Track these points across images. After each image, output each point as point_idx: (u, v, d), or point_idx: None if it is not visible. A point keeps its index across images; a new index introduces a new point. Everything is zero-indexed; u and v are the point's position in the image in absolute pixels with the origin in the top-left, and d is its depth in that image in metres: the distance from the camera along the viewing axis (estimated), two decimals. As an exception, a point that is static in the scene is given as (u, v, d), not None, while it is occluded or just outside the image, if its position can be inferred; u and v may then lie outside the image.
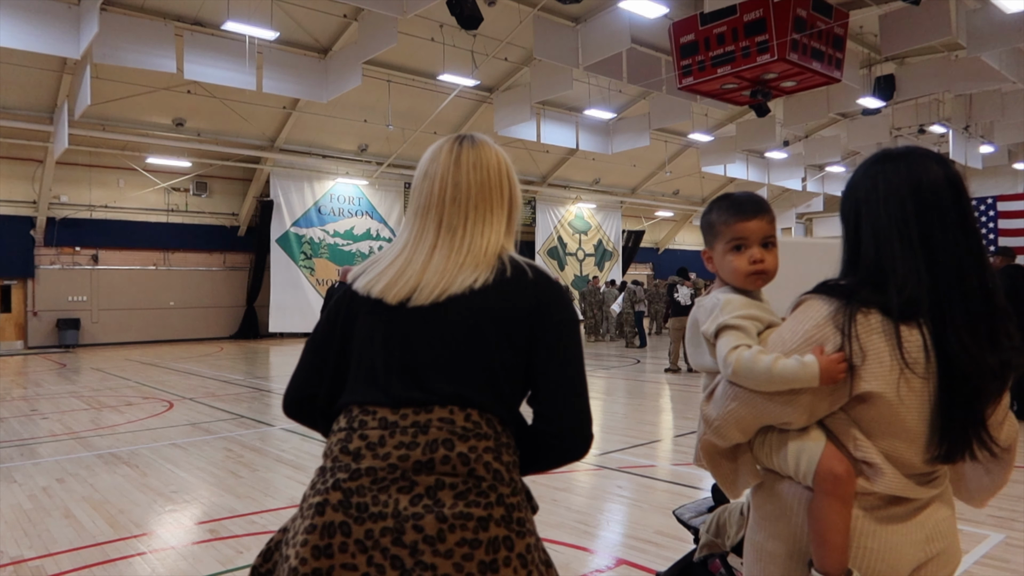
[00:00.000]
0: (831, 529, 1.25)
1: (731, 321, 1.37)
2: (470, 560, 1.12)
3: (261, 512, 4.52)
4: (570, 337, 1.30)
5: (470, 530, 1.14)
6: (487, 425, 1.22)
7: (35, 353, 17.07)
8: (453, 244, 1.30)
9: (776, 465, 1.35)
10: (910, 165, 1.31)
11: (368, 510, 1.15)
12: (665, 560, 3.41)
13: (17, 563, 3.72)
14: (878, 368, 1.22)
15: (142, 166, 18.48)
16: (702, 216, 1.55)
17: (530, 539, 1.21)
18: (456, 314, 1.25)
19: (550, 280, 1.33)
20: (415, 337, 1.26)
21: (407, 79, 17.20)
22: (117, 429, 7.40)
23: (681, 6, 13.18)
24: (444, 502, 1.14)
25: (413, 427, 1.20)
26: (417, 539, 1.12)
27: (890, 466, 1.26)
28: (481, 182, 1.35)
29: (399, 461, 1.17)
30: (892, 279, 1.25)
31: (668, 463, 5.92)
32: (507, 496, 1.20)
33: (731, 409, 1.32)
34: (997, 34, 12.21)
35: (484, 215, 1.33)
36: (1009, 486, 4.93)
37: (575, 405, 1.28)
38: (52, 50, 11.36)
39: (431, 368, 1.24)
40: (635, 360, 14.19)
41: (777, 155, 24.01)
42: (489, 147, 1.40)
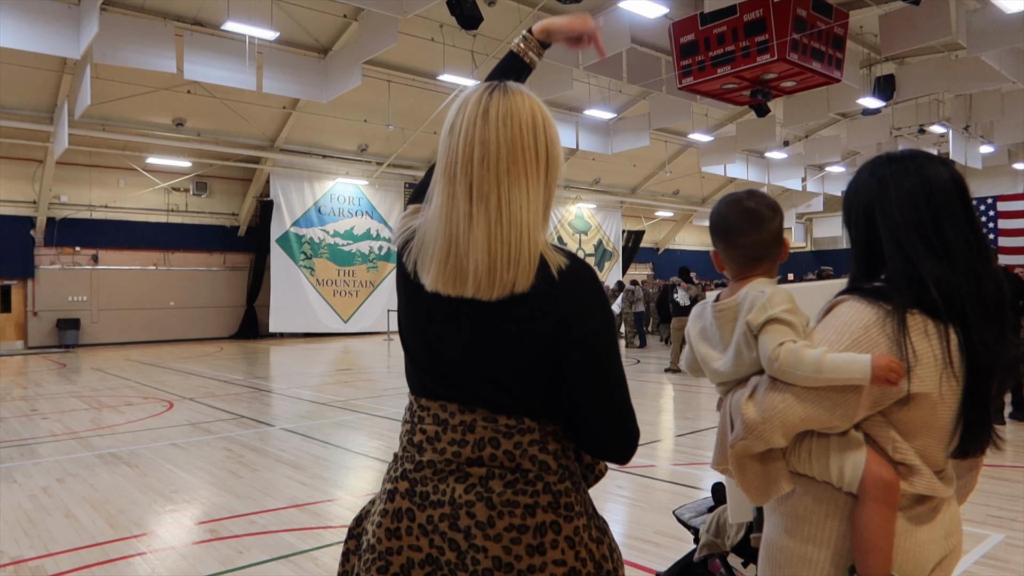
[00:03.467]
0: (879, 534, 1.25)
1: (781, 315, 1.32)
2: (518, 544, 1.19)
3: (261, 512, 4.52)
4: (601, 344, 1.22)
5: (517, 516, 1.20)
6: (530, 419, 1.24)
7: (35, 353, 17.07)
8: (490, 215, 1.16)
9: (815, 472, 1.32)
10: (919, 167, 1.32)
11: (429, 498, 1.24)
12: (665, 560, 3.40)
13: (17, 563, 3.72)
14: (927, 370, 1.23)
15: (142, 166, 18.48)
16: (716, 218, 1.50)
17: (579, 521, 1.25)
18: (496, 318, 1.20)
19: (589, 275, 1.23)
20: (457, 334, 1.24)
21: (407, 79, 17.20)
22: (117, 429, 7.40)
23: (681, 6, 13.18)
24: (494, 490, 1.21)
25: (461, 425, 1.24)
26: (470, 524, 1.20)
27: (926, 466, 1.28)
28: (512, 139, 1.17)
29: (453, 456, 1.24)
30: (929, 280, 1.25)
31: (668, 463, 5.92)
32: (554, 484, 1.24)
33: (779, 411, 1.28)
34: (997, 34, 12.21)
35: (517, 180, 1.17)
36: (1009, 486, 4.94)
37: (613, 419, 1.24)
38: (52, 50, 11.36)
39: (472, 368, 1.24)
40: (635, 360, 14.19)
41: (777, 155, 24.01)
42: (523, 96, 1.21)
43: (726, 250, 1.48)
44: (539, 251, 1.19)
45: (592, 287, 1.23)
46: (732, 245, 1.46)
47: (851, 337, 1.26)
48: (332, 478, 5.47)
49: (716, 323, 1.45)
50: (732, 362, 1.40)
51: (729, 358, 1.41)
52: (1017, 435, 6.66)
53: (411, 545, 1.23)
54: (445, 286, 1.19)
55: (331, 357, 15.52)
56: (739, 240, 1.45)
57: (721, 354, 1.44)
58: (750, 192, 1.48)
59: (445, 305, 1.22)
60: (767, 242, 1.45)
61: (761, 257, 1.45)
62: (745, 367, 1.38)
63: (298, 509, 4.59)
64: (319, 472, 5.57)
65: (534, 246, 1.17)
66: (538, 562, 1.19)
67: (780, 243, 1.47)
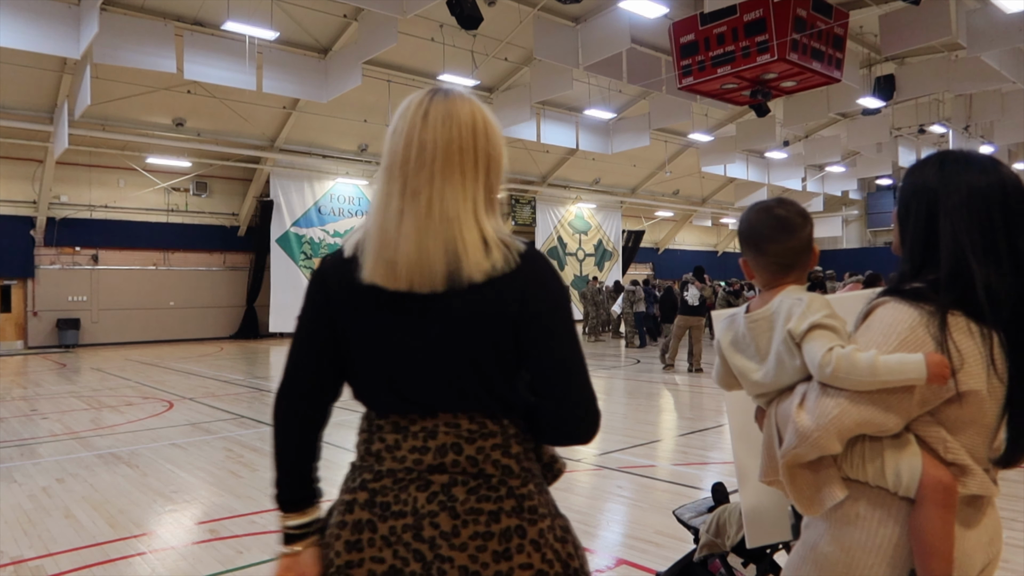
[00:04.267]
0: (940, 538, 1.24)
1: (823, 320, 1.30)
2: (484, 551, 1.19)
3: (261, 512, 4.52)
4: (559, 320, 1.24)
5: (482, 523, 1.20)
6: (493, 423, 1.24)
7: (35, 353, 17.07)
8: (419, 211, 1.19)
9: (869, 476, 1.30)
10: (996, 170, 1.32)
11: (390, 508, 1.22)
12: (665, 560, 3.40)
13: (17, 563, 3.72)
14: (975, 367, 1.23)
15: (142, 166, 18.47)
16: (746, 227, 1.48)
17: (543, 523, 1.25)
18: (445, 313, 1.21)
19: (536, 261, 1.24)
20: (405, 335, 1.23)
21: (407, 79, 17.20)
22: (117, 429, 7.40)
23: (681, 6, 13.18)
24: (457, 498, 1.20)
25: (422, 431, 1.23)
26: (435, 534, 1.19)
27: (978, 466, 1.27)
28: (449, 140, 1.20)
29: (414, 464, 1.23)
30: (979, 283, 1.25)
31: (668, 463, 5.92)
32: (517, 488, 1.24)
33: (834, 416, 1.24)
34: (997, 34, 12.22)
35: (451, 177, 1.20)
36: (1009, 486, 4.94)
37: (574, 393, 1.25)
38: (52, 50, 11.37)
39: (427, 370, 1.23)
40: (635, 360, 14.19)
41: (777, 155, 24.02)
42: (463, 99, 1.24)
43: (757, 258, 1.47)
44: (493, 240, 1.21)
45: (549, 268, 1.26)
46: (763, 253, 1.45)
47: (898, 338, 1.25)
48: (332, 478, 5.44)
49: (751, 334, 1.43)
50: (774, 372, 1.37)
51: (770, 368, 1.38)
52: (1017, 435, 6.66)
53: (373, 557, 1.21)
54: (381, 278, 1.21)
55: (331, 357, 15.47)
56: (770, 248, 1.44)
57: (759, 365, 1.41)
58: (780, 200, 1.48)
59: (393, 306, 1.23)
60: (798, 249, 1.44)
61: (792, 265, 1.44)
62: (788, 376, 1.36)
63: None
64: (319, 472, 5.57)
65: (478, 238, 1.19)
66: (504, 568, 1.19)
67: (810, 250, 1.46)
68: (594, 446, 6.55)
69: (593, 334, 19.34)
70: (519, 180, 24.22)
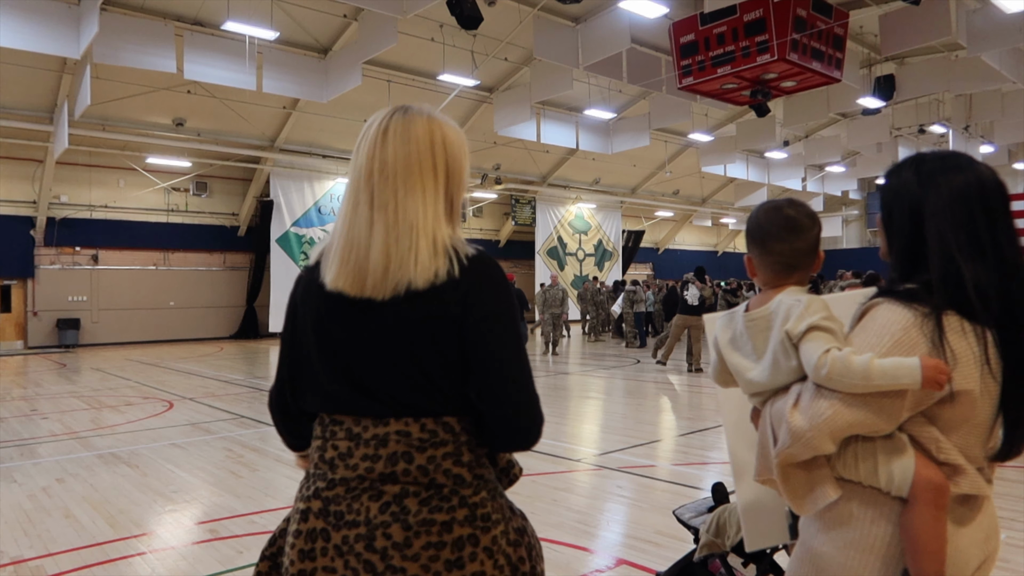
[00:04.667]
0: (932, 538, 1.25)
1: (821, 322, 1.31)
2: (436, 561, 1.21)
3: (261, 512, 4.52)
4: (499, 323, 1.26)
5: (434, 534, 1.22)
6: (444, 431, 1.26)
7: (35, 353, 17.07)
8: (387, 220, 1.25)
9: (862, 476, 1.31)
10: (970, 165, 1.34)
11: (344, 518, 1.24)
12: (665, 560, 3.40)
13: (17, 563, 3.72)
14: (968, 367, 1.25)
15: (142, 166, 18.47)
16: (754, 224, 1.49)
17: (496, 530, 1.27)
18: (396, 318, 1.25)
19: (480, 265, 1.27)
20: (362, 338, 1.27)
21: (407, 79, 17.20)
22: (117, 429, 7.40)
23: (681, 6, 13.18)
24: (410, 509, 1.22)
25: (374, 439, 1.25)
26: (387, 545, 1.21)
27: (971, 465, 1.28)
28: (408, 155, 1.28)
29: (366, 472, 1.24)
30: (969, 282, 1.26)
31: (668, 463, 5.92)
32: (469, 497, 1.26)
33: (828, 417, 1.26)
34: (997, 34, 12.22)
35: (412, 190, 1.27)
36: (1009, 486, 4.94)
37: (515, 394, 1.26)
38: (52, 50, 11.36)
39: (378, 376, 1.26)
40: (635, 360, 14.20)
41: (777, 155, 24.01)
42: (421, 118, 1.31)
43: (761, 256, 1.47)
44: (441, 248, 1.26)
45: (492, 274, 1.29)
46: (769, 252, 1.45)
47: (892, 339, 1.27)
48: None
49: (748, 332, 1.44)
50: (769, 371, 1.38)
51: (765, 367, 1.39)
52: (1017, 435, 6.66)
53: (326, 567, 1.22)
54: (346, 284, 1.26)
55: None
56: (776, 247, 1.44)
57: (755, 364, 1.42)
58: (790, 201, 1.49)
59: (350, 313, 1.27)
60: (804, 251, 1.44)
61: (796, 266, 1.45)
62: (783, 376, 1.37)
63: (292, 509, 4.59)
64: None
65: (430, 245, 1.25)
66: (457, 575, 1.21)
67: (816, 253, 1.46)
68: (594, 446, 6.55)
69: (593, 334, 19.35)
70: (519, 180, 24.22)
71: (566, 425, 7.60)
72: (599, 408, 8.76)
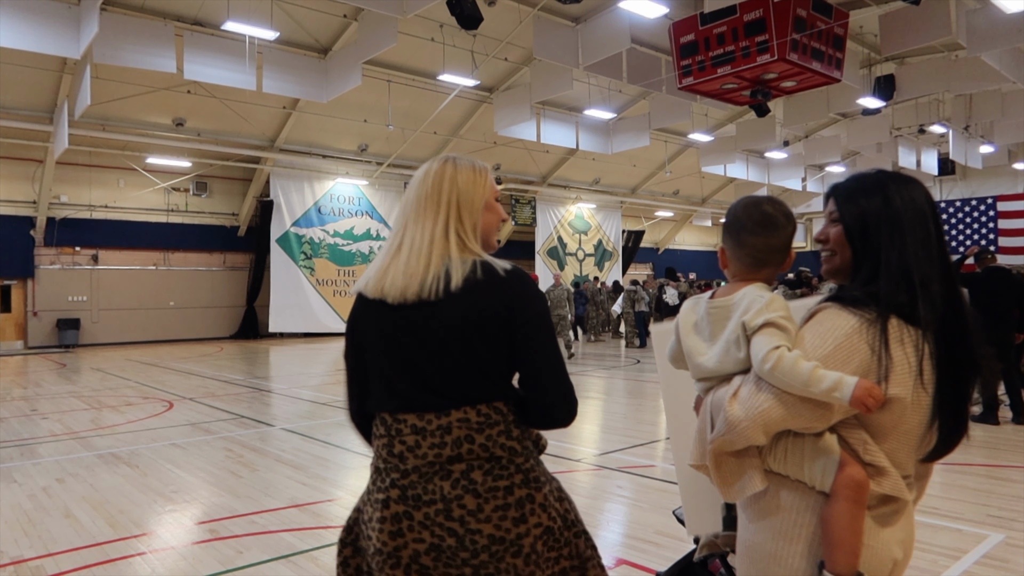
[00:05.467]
0: (848, 532, 1.31)
1: (778, 320, 1.37)
2: (505, 519, 1.47)
3: (261, 512, 4.52)
4: (542, 328, 1.53)
5: (500, 497, 1.47)
6: (495, 413, 1.51)
7: (35, 353, 17.07)
8: (412, 242, 1.56)
9: (790, 471, 1.38)
10: (922, 186, 1.44)
11: (421, 499, 1.48)
12: (665, 560, 3.40)
13: (17, 563, 3.72)
14: (902, 375, 1.31)
15: (142, 166, 18.48)
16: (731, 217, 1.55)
17: (546, 487, 1.54)
18: (441, 319, 1.49)
19: (520, 278, 1.54)
20: (412, 343, 1.51)
21: (407, 79, 17.20)
22: (117, 429, 7.40)
23: (681, 6, 13.18)
24: (476, 481, 1.47)
25: (439, 430, 1.49)
26: (463, 513, 1.46)
27: (894, 468, 1.35)
28: (420, 194, 1.61)
29: (435, 458, 1.48)
30: (919, 291, 1.34)
31: (668, 463, 5.92)
32: (522, 464, 1.52)
33: (763, 410, 1.33)
34: (997, 34, 12.21)
35: (423, 218, 1.58)
36: (1009, 486, 4.94)
37: (556, 386, 1.53)
38: (52, 50, 11.36)
39: (434, 373, 1.50)
40: (635, 360, 14.19)
41: (777, 155, 24.01)
42: (441, 164, 1.63)
43: (735, 249, 1.52)
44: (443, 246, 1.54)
45: (530, 282, 1.55)
46: (742, 245, 1.50)
47: (834, 342, 1.33)
48: (332, 478, 5.46)
49: (709, 318, 1.49)
50: (718, 358, 1.44)
51: (716, 354, 1.45)
52: (1017, 436, 6.66)
53: (415, 539, 1.47)
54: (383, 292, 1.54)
55: (331, 357, 15.51)
56: (750, 241, 1.49)
57: (709, 349, 1.48)
58: (769, 198, 1.54)
59: (400, 321, 1.53)
60: (776, 248, 1.49)
61: (767, 262, 1.50)
62: (731, 365, 1.42)
63: (298, 509, 4.59)
64: (319, 472, 5.57)
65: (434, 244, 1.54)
66: (523, 529, 1.47)
67: (787, 252, 1.51)
68: (594, 446, 6.55)
69: (593, 334, 19.34)
70: (519, 180, 24.23)
71: (566, 425, 7.59)
72: (599, 408, 8.76)
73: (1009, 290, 7.13)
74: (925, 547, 3.76)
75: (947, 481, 5.06)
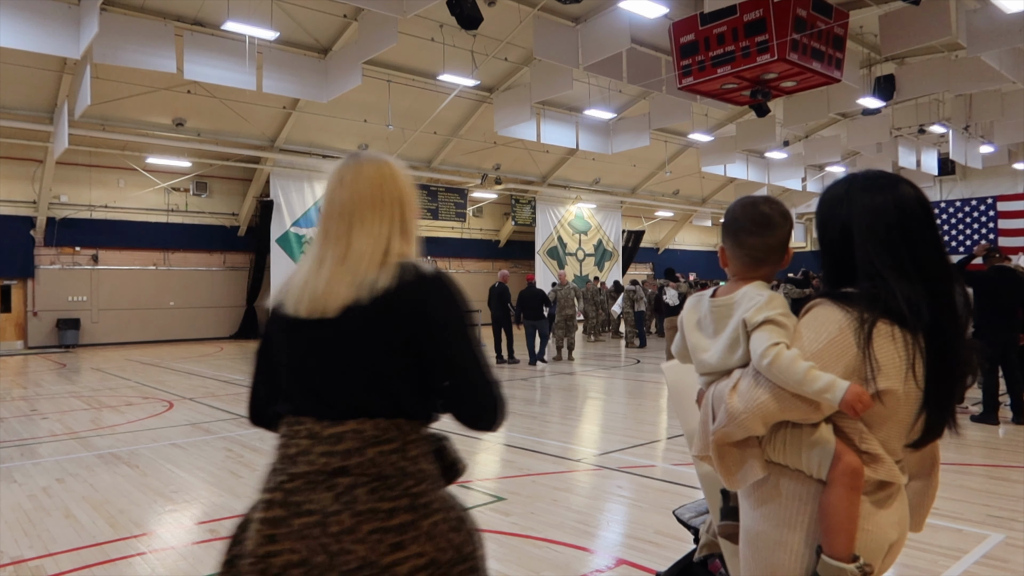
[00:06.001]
0: (844, 517, 1.37)
1: (777, 317, 1.43)
2: (381, 543, 1.36)
3: (261, 512, 4.52)
4: (458, 334, 1.45)
5: (379, 519, 1.37)
6: (394, 429, 1.43)
7: (35, 353, 17.07)
8: (337, 252, 1.47)
9: (789, 460, 1.44)
10: (892, 188, 1.46)
11: (302, 507, 1.39)
12: (665, 560, 3.40)
13: (17, 563, 3.72)
14: (893, 370, 1.37)
15: (142, 166, 18.48)
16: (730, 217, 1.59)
17: (436, 516, 1.43)
18: (348, 327, 1.43)
19: (432, 283, 1.44)
20: (319, 351, 1.45)
21: (407, 79, 17.20)
22: (117, 429, 7.40)
23: (681, 6, 13.18)
24: (359, 498, 1.38)
25: (331, 438, 1.41)
26: (339, 530, 1.36)
27: (888, 455, 1.41)
28: (360, 195, 1.50)
29: (323, 467, 1.40)
30: (898, 291, 1.38)
31: (668, 463, 5.92)
32: (412, 487, 1.42)
33: (761, 403, 1.39)
34: (997, 34, 12.20)
35: (362, 223, 1.48)
36: (1009, 486, 4.94)
37: (475, 394, 1.46)
38: (52, 50, 11.36)
39: (335, 380, 1.44)
40: (635, 360, 14.19)
41: (777, 155, 24.01)
42: (369, 163, 1.53)
43: (733, 248, 1.57)
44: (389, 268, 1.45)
45: (447, 288, 1.46)
46: (741, 245, 1.55)
47: (827, 337, 1.39)
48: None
49: (711, 316, 1.56)
50: (721, 354, 1.50)
51: (718, 350, 1.51)
52: (1017, 435, 6.66)
53: (288, 549, 1.38)
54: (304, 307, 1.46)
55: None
56: (748, 240, 1.54)
57: (712, 345, 1.54)
58: (766, 198, 1.58)
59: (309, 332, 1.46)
60: (774, 246, 1.54)
61: (765, 260, 1.55)
62: (733, 360, 1.49)
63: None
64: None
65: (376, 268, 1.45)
66: (400, 556, 1.37)
67: (785, 250, 1.56)
68: (594, 446, 6.55)
69: (593, 334, 19.33)
70: (519, 180, 24.22)
71: (566, 425, 7.60)
72: (599, 408, 8.76)
73: (1014, 289, 7.11)
74: (925, 547, 3.76)
75: (947, 481, 5.06)
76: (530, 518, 4.36)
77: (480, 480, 5.35)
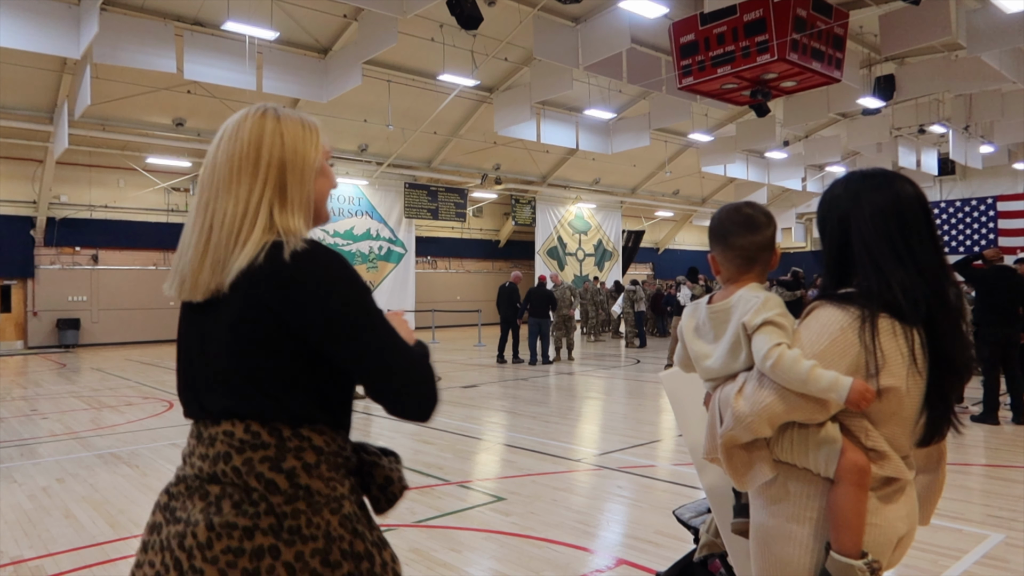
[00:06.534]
0: (852, 513, 1.40)
1: (775, 318, 1.45)
2: (234, 567, 1.15)
3: (261, 512, 4.52)
4: (350, 317, 1.20)
5: (235, 539, 1.16)
6: (269, 434, 1.21)
7: (35, 353, 17.07)
8: (204, 223, 1.26)
9: (796, 459, 1.46)
10: (890, 185, 1.49)
11: (176, 514, 1.22)
12: (665, 560, 3.40)
13: (17, 563, 3.72)
14: (896, 366, 1.39)
15: (142, 166, 18.47)
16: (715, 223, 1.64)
17: (305, 546, 1.18)
18: (214, 316, 1.24)
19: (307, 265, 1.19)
20: (195, 342, 1.29)
21: (407, 79, 17.20)
22: (117, 429, 7.40)
23: (681, 6, 13.18)
24: (222, 511, 1.18)
25: (207, 439, 1.24)
26: (193, 544, 1.17)
27: (894, 452, 1.43)
28: (231, 154, 1.26)
29: (199, 472, 1.23)
30: (896, 287, 1.41)
31: (668, 463, 5.92)
32: (279, 505, 1.19)
33: (767, 404, 1.41)
34: (997, 34, 12.20)
35: (229, 187, 1.25)
36: (1009, 486, 4.94)
37: (393, 381, 1.22)
38: (52, 50, 11.36)
39: (208, 379, 1.25)
40: (635, 360, 14.19)
41: (777, 155, 24.00)
42: (255, 115, 1.29)
43: (723, 252, 1.61)
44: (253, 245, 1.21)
45: (322, 263, 1.21)
46: (729, 247, 1.60)
47: (829, 337, 1.41)
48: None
49: (710, 322, 1.58)
50: (723, 359, 1.53)
51: (720, 355, 1.53)
52: (1017, 436, 6.66)
53: (150, 561, 1.21)
54: (174, 290, 1.29)
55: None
56: (736, 242, 1.59)
57: (713, 351, 1.56)
58: (747, 202, 1.65)
59: (189, 318, 1.30)
60: (762, 245, 1.58)
61: (755, 259, 1.58)
62: (736, 364, 1.51)
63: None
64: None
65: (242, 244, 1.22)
66: None
67: (772, 249, 1.60)
68: (594, 446, 6.55)
69: (593, 334, 19.33)
70: (519, 180, 24.22)
71: (566, 425, 7.60)
72: (599, 408, 8.76)
73: (1015, 289, 7.12)
74: (925, 547, 3.76)
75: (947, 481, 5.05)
76: (530, 518, 4.36)
77: (480, 480, 5.35)
